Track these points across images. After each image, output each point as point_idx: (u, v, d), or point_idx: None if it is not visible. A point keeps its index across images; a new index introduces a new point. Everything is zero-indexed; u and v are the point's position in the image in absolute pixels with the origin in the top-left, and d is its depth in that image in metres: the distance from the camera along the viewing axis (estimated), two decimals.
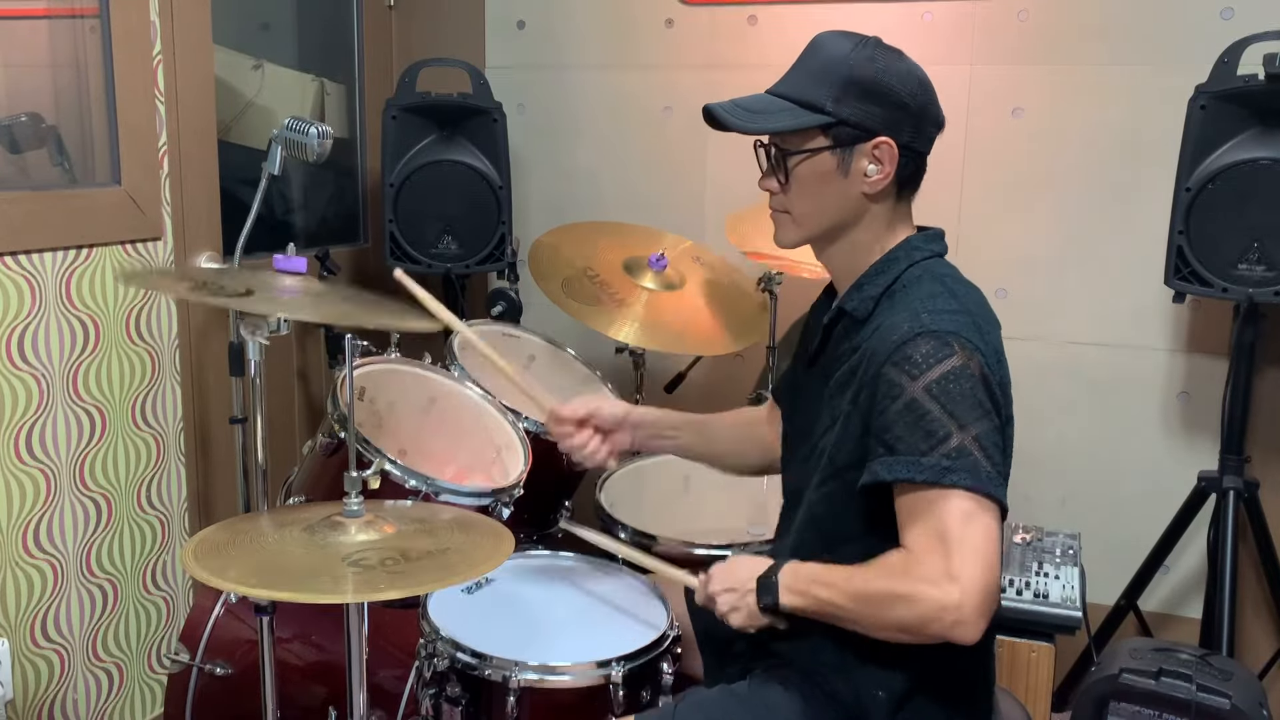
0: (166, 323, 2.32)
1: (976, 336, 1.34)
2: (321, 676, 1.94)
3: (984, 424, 1.30)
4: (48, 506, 2.09)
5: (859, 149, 1.42)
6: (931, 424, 1.29)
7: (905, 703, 1.41)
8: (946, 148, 2.68)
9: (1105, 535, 2.62)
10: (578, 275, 2.49)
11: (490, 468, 2.16)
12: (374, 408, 2.14)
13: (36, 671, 2.09)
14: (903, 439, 1.31)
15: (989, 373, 1.33)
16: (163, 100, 2.27)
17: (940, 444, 1.29)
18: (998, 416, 1.33)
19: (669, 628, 1.64)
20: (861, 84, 1.40)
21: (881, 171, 1.42)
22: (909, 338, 1.33)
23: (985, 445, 1.29)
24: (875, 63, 1.41)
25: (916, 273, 1.43)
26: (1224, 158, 2.18)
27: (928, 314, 1.35)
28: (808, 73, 1.44)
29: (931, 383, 1.30)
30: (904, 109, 1.41)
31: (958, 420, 1.29)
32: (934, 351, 1.31)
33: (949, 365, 1.30)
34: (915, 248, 1.46)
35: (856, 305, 1.45)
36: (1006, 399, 1.39)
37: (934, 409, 1.29)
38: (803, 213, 1.47)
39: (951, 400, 1.30)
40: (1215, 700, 1.79)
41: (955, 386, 1.30)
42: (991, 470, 1.29)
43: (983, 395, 1.31)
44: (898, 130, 1.41)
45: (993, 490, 1.28)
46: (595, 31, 3.01)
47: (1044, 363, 2.68)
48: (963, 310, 1.37)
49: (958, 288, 1.42)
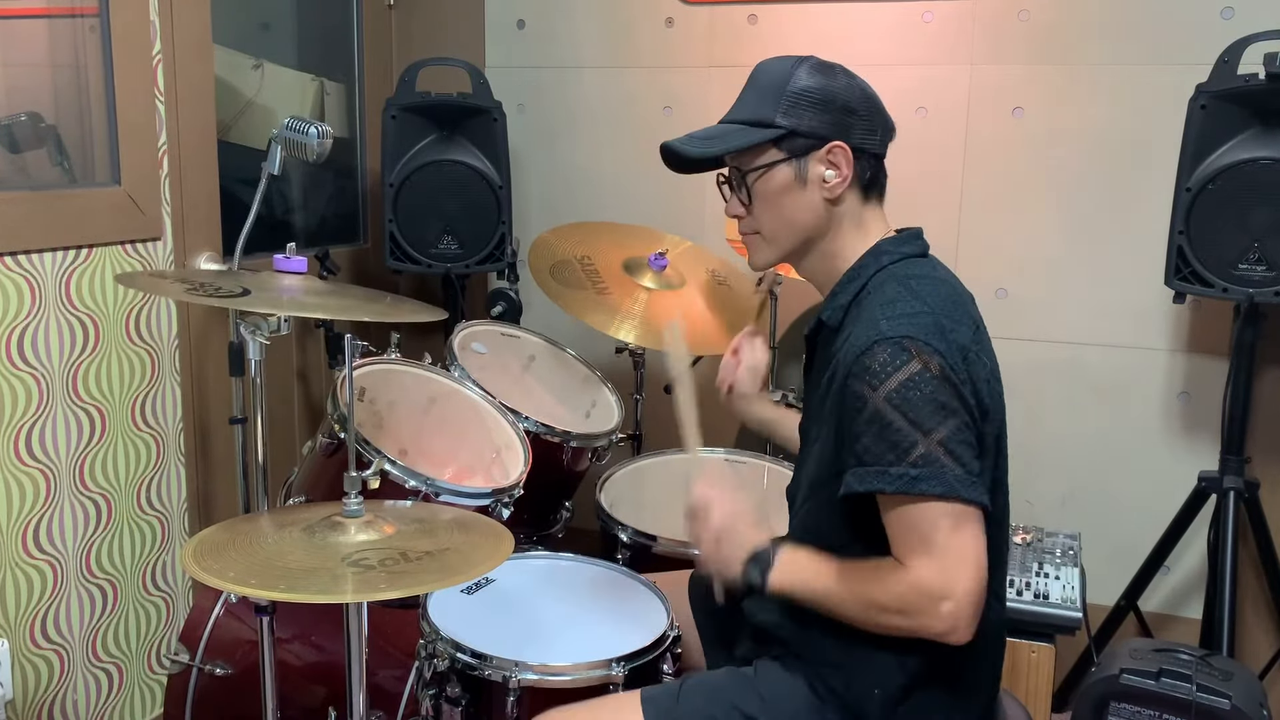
0: (166, 323, 2.32)
1: (935, 337, 1.34)
2: (321, 676, 1.94)
3: (949, 425, 1.31)
4: (48, 507, 2.08)
5: (813, 156, 1.45)
6: (895, 434, 1.31)
7: (901, 701, 1.41)
8: (946, 148, 2.72)
9: (1105, 535, 2.62)
10: (569, 261, 2.48)
11: (490, 468, 2.16)
12: (374, 408, 2.14)
13: (36, 672, 2.09)
14: (870, 450, 1.33)
15: (951, 371, 1.32)
16: (163, 100, 2.27)
17: (906, 453, 1.30)
18: (966, 413, 1.33)
19: (669, 628, 1.64)
20: (806, 94, 1.44)
21: (839, 175, 1.45)
22: (866, 347, 1.34)
23: (952, 448, 1.30)
24: (816, 75, 1.45)
25: (881, 278, 1.44)
26: (1224, 158, 2.18)
27: (885, 320, 1.36)
28: (754, 95, 1.49)
29: (891, 391, 1.31)
30: (851, 112, 1.45)
31: (921, 428, 1.30)
32: (890, 359, 1.32)
33: (907, 372, 1.31)
34: (884, 251, 1.47)
35: (830, 315, 1.48)
36: (985, 393, 1.37)
37: (897, 418, 1.31)
38: (772, 230, 1.50)
39: (913, 407, 1.30)
40: (1215, 700, 1.79)
41: (915, 393, 1.31)
42: (961, 473, 1.30)
43: (945, 395, 1.31)
44: (847, 133, 1.45)
45: (964, 493, 1.30)
46: (595, 31, 3.01)
47: (1044, 363, 2.68)
48: (924, 311, 1.36)
49: (922, 287, 1.41)
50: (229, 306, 1.67)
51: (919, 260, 1.48)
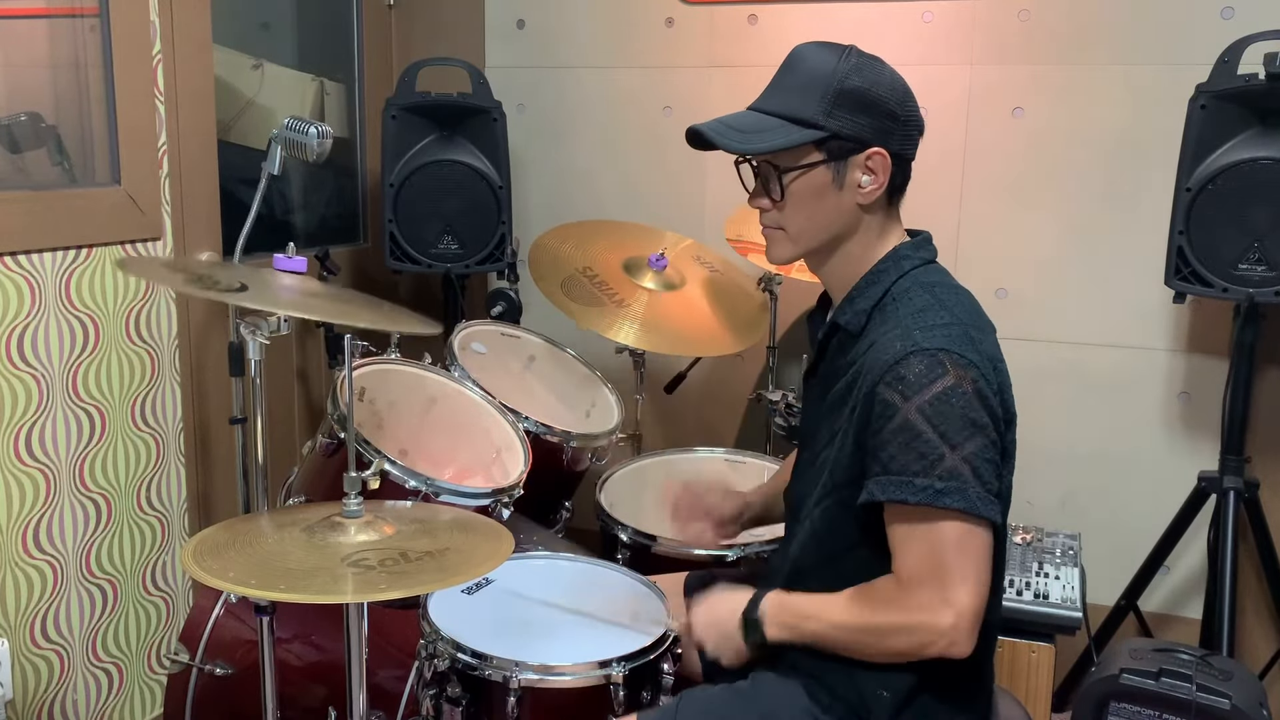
0: (166, 323, 2.32)
1: (969, 349, 1.34)
2: (321, 676, 1.94)
3: (977, 441, 1.31)
4: (48, 507, 2.08)
5: (853, 161, 1.42)
6: (924, 445, 1.31)
7: (909, 702, 1.41)
8: (946, 148, 2.72)
9: (1105, 535, 2.62)
10: (577, 275, 2.48)
11: (490, 468, 2.16)
12: (374, 408, 2.14)
13: (36, 672, 2.09)
14: (896, 459, 1.32)
15: (983, 386, 1.33)
16: (163, 100, 2.27)
17: (933, 465, 1.30)
18: (995, 430, 1.34)
19: (669, 628, 1.64)
20: (852, 96, 1.39)
21: (876, 182, 1.43)
22: (901, 356, 1.33)
23: (977, 464, 1.31)
24: (863, 73, 1.40)
25: (906, 284, 1.43)
26: (1224, 158, 2.18)
27: (920, 330, 1.35)
28: (794, 87, 1.43)
29: (925, 403, 1.31)
30: (893, 117, 1.42)
31: (950, 441, 1.30)
32: (927, 371, 1.32)
33: (942, 385, 1.31)
34: (904, 257, 1.46)
35: (849, 320, 1.46)
36: (1006, 403, 1.39)
37: (927, 430, 1.31)
38: (799, 229, 1.46)
39: (944, 420, 1.31)
40: (1215, 700, 1.79)
41: (948, 406, 1.31)
42: (983, 491, 1.31)
43: (976, 411, 1.32)
44: (888, 139, 1.42)
45: (984, 511, 1.30)
46: (595, 31, 3.01)
47: (1044, 363, 2.68)
48: (954, 322, 1.37)
49: (948, 297, 1.41)
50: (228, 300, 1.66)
51: (935, 267, 1.48)
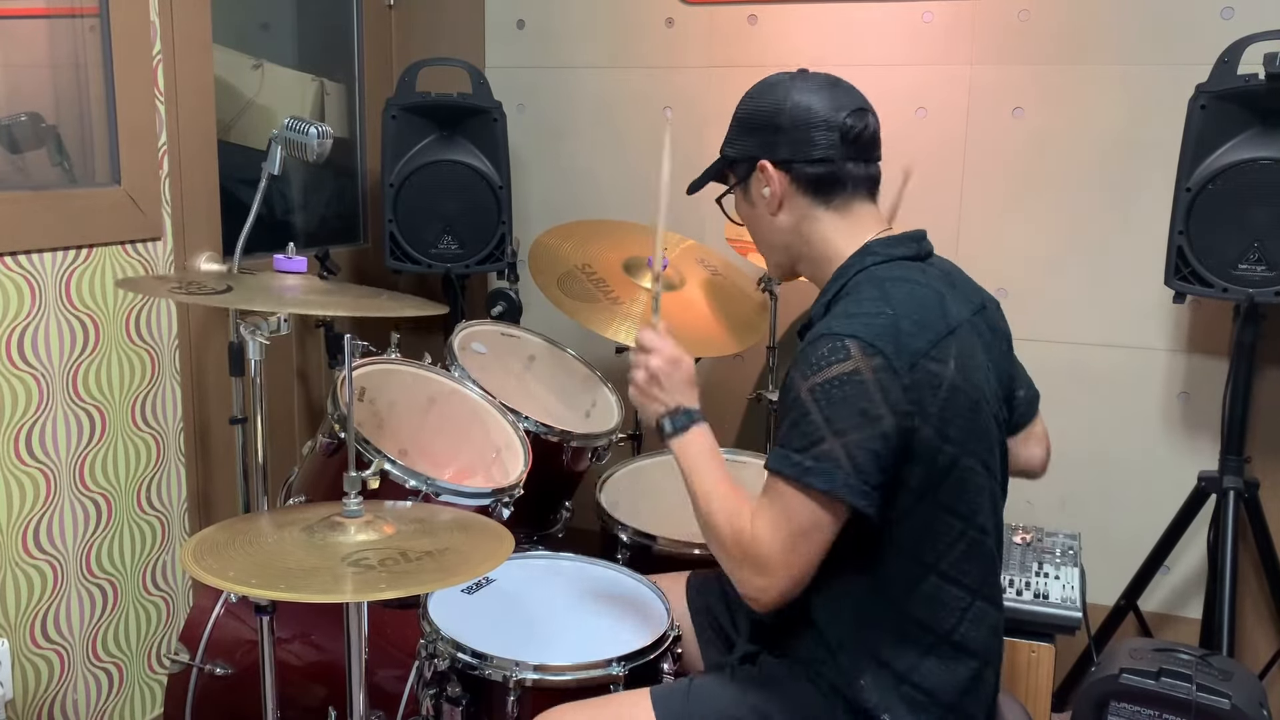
0: (166, 323, 2.32)
1: (886, 340, 1.32)
2: (321, 676, 1.94)
3: (862, 432, 1.31)
4: (48, 507, 2.09)
5: (753, 178, 1.53)
6: (808, 425, 1.33)
7: (895, 687, 1.41)
8: (946, 148, 2.72)
9: (1105, 535, 2.62)
10: (575, 272, 2.48)
11: (490, 468, 2.16)
12: (374, 408, 2.14)
13: (36, 671, 2.09)
14: (784, 434, 1.37)
15: (886, 378, 1.31)
16: (163, 100, 2.27)
17: (811, 445, 1.32)
18: (892, 422, 1.31)
19: (669, 628, 1.64)
20: (743, 121, 1.54)
21: (772, 191, 1.50)
22: (813, 339, 1.37)
23: (855, 453, 1.31)
24: (751, 99, 1.53)
25: (861, 278, 1.44)
26: (1224, 158, 2.18)
27: (844, 318, 1.37)
28: None
29: (817, 385, 1.33)
30: (776, 129, 1.49)
31: (833, 426, 1.32)
32: (829, 354, 1.33)
33: (838, 370, 1.32)
34: (871, 252, 1.47)
35: (815, 312, 1.50)
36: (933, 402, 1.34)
37: (813, 411, 1.33)
38: (759, 245, 1.60)
39: (832, 405, 1.32)
40: (1215, 700, 1.79)
41: (839, 391, 1.32)
42: (854, 478, 1.31)
43: (870, 402, 1.31)
44: (774, 150, 1.49)
45: (845, 496, 1.31)
46: (595, 31, 3.01)
47: (1044, 362, 2.67)
48: (883, 314, 1.35)
49: (896, 291, 1.39)
50: (222, 305, 1.67)
51: (907, 263, 1.46)
